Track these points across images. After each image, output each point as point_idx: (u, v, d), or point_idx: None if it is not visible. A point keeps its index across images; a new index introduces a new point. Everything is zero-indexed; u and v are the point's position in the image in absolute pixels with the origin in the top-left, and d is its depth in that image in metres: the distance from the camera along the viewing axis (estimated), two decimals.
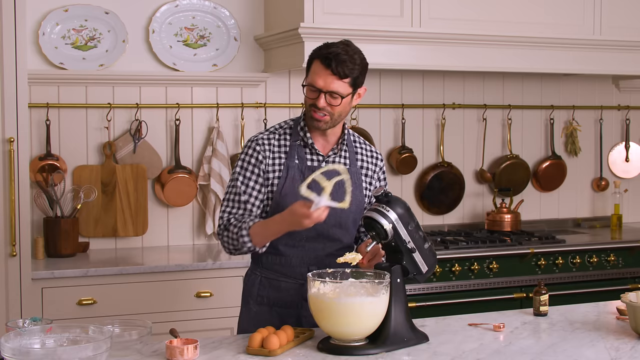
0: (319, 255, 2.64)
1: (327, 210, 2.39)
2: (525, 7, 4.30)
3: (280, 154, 2.64)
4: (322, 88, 2.52)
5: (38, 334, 2.14)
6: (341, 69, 2.51)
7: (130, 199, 4.05)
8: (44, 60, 3.95)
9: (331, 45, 2.55)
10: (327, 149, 2.67)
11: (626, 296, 2.52)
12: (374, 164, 2.75)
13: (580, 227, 4.97)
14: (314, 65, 2.55)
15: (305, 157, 2.65)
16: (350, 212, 2.62)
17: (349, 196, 2.41)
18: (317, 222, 2.42)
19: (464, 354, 2.31)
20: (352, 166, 2.68)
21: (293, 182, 2.60)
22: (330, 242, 2.64)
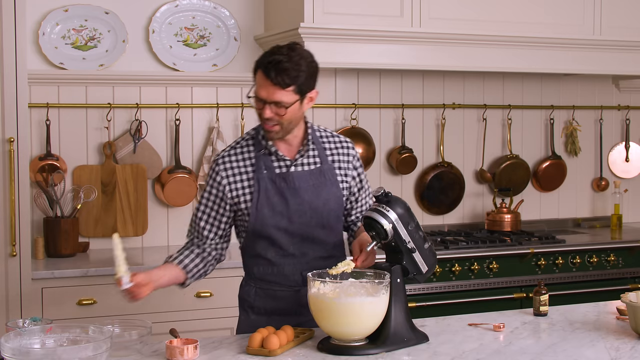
0: (310, 260, 2.62)
1: (138, 287, 2.41)
2: (525, 7, 4.30)
3: (247, 168, 2.60)
4: (266, 99, 2.46)
5: (38, 334, 2.14)
6: (281, 78, 2.44)
7: (130, 199, 4.05)
8: (44, 60, 3.95)
9: (274, 52, 2.48)
10: (293, 152, 2.62)
11: (626, 296, 2.52)
12: (345, 154, 2.69)
13: (580, 227, 4.97)
14: (258, 75, 2.49)
15: (272, 165, 2.60)
16: (331, 209, 2.61)
17: (121, 266, 2.36)
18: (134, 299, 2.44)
19: (464, 354, 2.31)
20: (324, 163, 2.64)
21: (267, 194, 2.57)
22: (316, 244, 2.63)
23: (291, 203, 2.58)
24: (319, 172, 2.62)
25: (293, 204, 2.58)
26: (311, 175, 2.60)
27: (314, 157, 2.63)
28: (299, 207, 2.58)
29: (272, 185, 2.58)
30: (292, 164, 2.60)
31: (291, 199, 2.57)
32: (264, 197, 2.57)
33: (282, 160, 2.60)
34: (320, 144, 2.67)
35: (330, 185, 2.62)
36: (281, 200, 2.58)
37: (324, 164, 2.64)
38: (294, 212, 2.58)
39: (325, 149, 2.66)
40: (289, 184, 2.58)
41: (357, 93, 4.51)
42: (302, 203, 2.58)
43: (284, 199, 2.57)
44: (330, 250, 2.66)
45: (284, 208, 2.58)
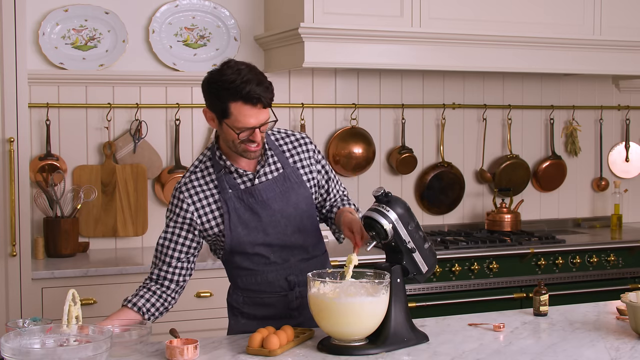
0: (292, 264, 2.61)
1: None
2: (525, 7, 4.30)
3: (211, 191, 2.55)
4: (256, 125, 2.42)
5: (38, 334, 2.13)
6: (268, 99, 2.41)
7: (130, 199, 4.05)
8: (44, 60, 3.95)
9: (238, 81, 2.37)
10: (253, 164, 2.57)
11: (626, 296, 2.52)
12: (305, 151, 2.65)
13: (580, 227, 4.98)
14: (237, 108, 2.38)
15: (236, 183, 2.55)
16: (304, 212, 2.60)
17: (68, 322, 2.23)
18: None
19: (464, 354, 2.31)
20: (286, 167, 2.59)
21: (237, 212, 2.54)
22: (296, 249, 2.61)
23: (263, 216, 2.55)
24: (283, 178, 2.58)
25: (265, 216, 2.55)
26: (276, 183, 2.57)
27: (275, 163, 2.59)
28: (272, 218, 2.56)
29: (241, 203, 2.54)
30: (255, 177, 2.56)
31: (262, 212, 2.55)
32: (235, 216, 2.54)
33: (244, 176, 2.56)
34: (277, 149, 2.62)
35: (297, 187, 2.59)
36: (253, 216, 2.55)
37: (286, 168, 2.60)
38: (268, 224, 2.56)
39: (284, 152, 2.62)
40: (256, 198, 2.54)
41: (357, 93, 4.51)
42: (274, 214, 2.56)
43: (256, 214, 2.55)
44: (311, 252, 2.65)
45: (257, 223, 2.55)
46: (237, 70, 2.40)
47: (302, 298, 2.61)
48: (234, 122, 2.41)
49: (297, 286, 2.61)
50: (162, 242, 2.58)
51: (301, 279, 2.61)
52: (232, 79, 2.38)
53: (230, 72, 2.40)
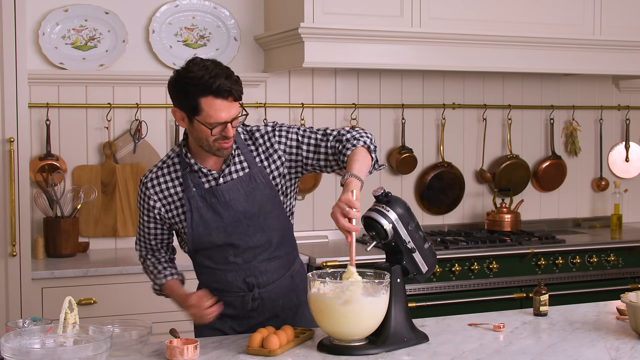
0: (252, 265, 2.59)
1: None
2: (525, 7, 4.30)
3: (176, 188, 2.57)
4: (227, 119, 2.42)
5: (38, 334, 2.13)
6: (239, 92, 2.43)
7: (130, 199, 4.05)
8: (44, 60, 3.95)
9: (206, 76, 2.38)
10: (220, 163, 2.56)
11: (626, 296, 2.52)
12: (269, 145, 2.58)
13: (580, 227, 4.98)
14: (208, 103, 2.39)
15: (200, 181, 2.55)
16: (268, 212, 2.56)
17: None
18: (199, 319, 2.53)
19: (464, 354, 2.31)
20: (252, 167, 2.56)
21: (199, 212, 2.54)
22: (258, 249, 2.59)
23: (225, 217, 2.54)
24: (248, 178, 2.55)
25: (227, 217, 2.54)
26: (241, 183, 2.55)
27: (241, 162, 2.56)
28: (234, 218, 2.54)
29: (203, 203, 2.54)
30: (220, 176, 2.54)
31: (224, 213, 2.54)
32: (197, 215, 2.54)
33: (209, 175, 2.54)
34: (245, 147, 2.58)
35: (263, 187, 2.56)
36: (215, 216, 2.54)
37: (253, 168, 2.56)
38: (229, 224, 2.55)
39: (251, 151, 2.58)
40: (219, 199, 2.53)
41: (357, 93, 4.51)
42: (236, 214, 2.54)
43: (218, 214, 2.54)
44: (274, 252, 2.62)
45: (219, 223, 2.54)
46: (204, 66, 2.41)
47: (260, 300, 2.61)
48: (205, 118, 2.41)
49: (256, 287, 2.60)
50: (139, 230, 2.72)
51: (261, 280, 2.60)
52: (200, 74, 2.39)
53: (197, 68, 2.41)
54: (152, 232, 2.68)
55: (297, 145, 2.57)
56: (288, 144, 2.58)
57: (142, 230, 2.71)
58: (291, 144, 2.58)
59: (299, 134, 2.58)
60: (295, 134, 2.58)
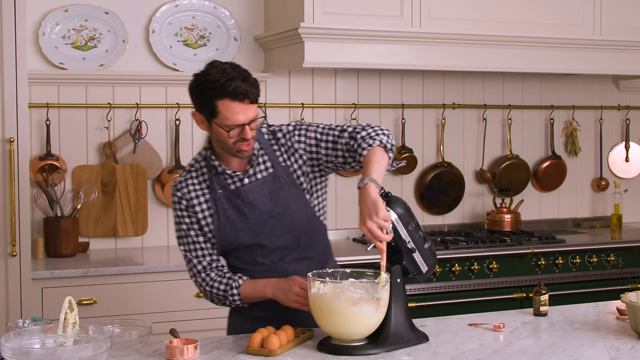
0: (280, 267, 2.59)
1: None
2: (525, 7, 4.30)
3: (204, 191, 2.58)
4: (245, 122, 2.43)
5: (38, 334, 2.13)
6: (256, 94, 2.44)
7: (130, 199, 4.05)
8: (44, 60, 3.95)
9: (223, 79, 2.39)
10: (243, 165, 2.57)
11: (626, 296, 2.52)
12: (290, 144, 2.57)
13: (580, 227, 4.97)
14: (225, 106, 2.40)
15: (226, 183, 2.57)
16: (294, 211, 2.56)
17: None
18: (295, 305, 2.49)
19: (464, 354, 2.31)
20: (276, 166, 2.56)
21: (225, 213, 2.55)
22: (286, 250, 2.59)
23: (250, 217, 2.55)
24: (272, 177, 2.56)
25: (252, 217, 2.55)
26: (265, 183, 2.55)
27: (265, 162, 2.57)
28: (259, 219, 2.55)
29: (229, 204, 2.55)
30: (245, 177, 2.55)
31: (249, 214, 2.55)
32: (223, 217, 2.55)
33: (234, 176, 2.56)
34: (269, 147, 2.59)
35: (288, 187, 2.56)
36: (240, 217, 2.55)
37: (277, 168, 2.56)
38: (255, 225, 2.55)
39: (274, 151, 2.59)
40: (243, 200, 2.54)
41: (357, 93, 4.51)
42: (262, 214, 2.55)
43: (243, 215, 2.55)
44: (302, 252, 2.61)
45: (245, 224, 2.55)
46: (222, 69, 2.42)
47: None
48: (223, 121, 2.43)
49: None
50: (185, 243, 2.60)
51: None
52: (217, 77, 2.40)
53: (215, 71, 2.42)
54: (200, 239, 2.59)
55: (316, 144, 2.57)
56: (307, 142, 2.58)
57: (188, 238, 2.61)
58: (310, 142, 2.58)
59: (317, 131, 2.58)
60: (314, 132, 2.58)
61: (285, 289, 2.50)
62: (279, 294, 2.52)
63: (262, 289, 2.55)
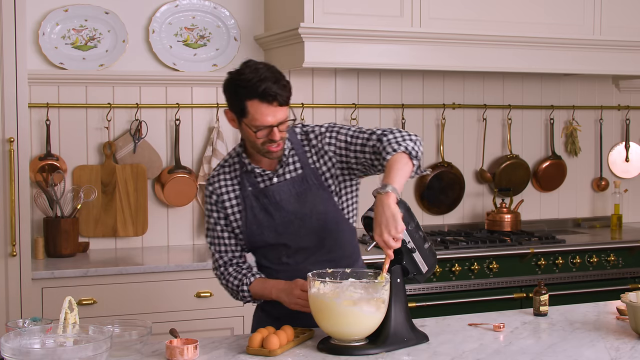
0: (302, 267, 2.58)
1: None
2: (525, 7, 4.30)
3: (234, 187, 2.61)
4: (273, 124, 2.44)
5: (38, 334, 2.13)
6: (285, 97, 2.43)
7: (130, 199, 4.05)
8: (44, 60, 3.95)
9: (255, 79, 2.40)
10: (274, 164, 2.58)
11: (626, 296, 2.52)
12: (320, 146, 2.57)
13: (580, 227, 4.97)
14: (254, 107, 2.41)
15: (255, 181, 2.59)
16: (321, 213, 2.56)
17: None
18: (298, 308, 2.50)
19: (464, 354, 2.31)
20: (306, 168, 2.57)
21: (253, 211, 2.57)
22: (310, 252, 2.60)
23: (276, 217, 2.56)
24: (301, 179, 2.57)
25: (278, 217, 2.56)
26: (293, 184, 2.56)
27: (294, 163, 2.58)
28: (285, 219, 2.56)
29: (257, 202, 2.58)
30: (274, 177, 2.57)
31: (275, 213, 2.56)
32: (250, 214, 2.58)
33: (264, 175, 2.58)
34: (300, 148, 2.60)
35: (316, 189, 2.57)
36: (267, 216, 2.57)
37: (305, 169, 2.58)
38: (280, 224, 2.57)
39: (305, 152, 2.60)
40: (270, 199, 2.56)
41: (357, 93, 4.51)
42: (287, 215, 2.56)
43: (269, 214, 2.57)
44: (327, 254, 2.61)
45: (270, 223, 2.57)
46: (255, 69, 2.43)
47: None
48: (251, 121, 2.44)
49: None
50: (211, 234, 2.66)
51: None
52: (249, 77, 2.41)
53: (249, 71, 2.43)
54: (224, 234, 2.64)
55: (345, 147, 2.57)
56: (337, 145, 2.58)
57: (214, 232, 2.66)
58: (340, 145, 2.57)
59: (348, 135, 2.57)
60: (345, 135, 2.58)
61: (287, 291, 2.52)
62: (282, 296, 2.53)
63: (269, 289, 2.58)
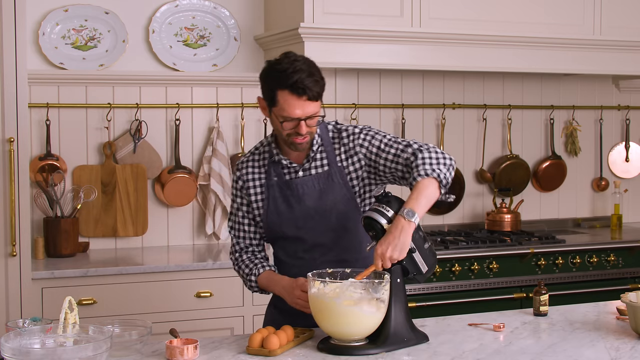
0: (318, 264, 2.58)
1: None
2: (525, 7, 4.30)
3: (261, 174, 2.63)
4: (301, 117, 2.45)
5: (38, 334, 2.13)
6: (315, 92, 2.43)
7: (130, 199, 4.05)
8: (44, 60, 3.95)
9: (289, 70, 2.42)
10: (302, 157, 2.60)
11: (626, 296, 2.52)
12: (351, 146, 2.57)
13: (580, 227, 4.97)
14: (284, 97, 2.43)
15: (282, 172, 2.61)
16: (340, 212, 2.57)
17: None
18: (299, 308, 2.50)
19: (464, 354, 2.31)
20: (332, 165, 2.58)
21: (275, 201, 2.60)
22: (326, 248, 2.60)
23: (296, 210, 2.58)
24: (326, 175, 2.58)
25: (298, 210, 2.58)
26: (318, 179, 2.58)
27: (322, 159, 2.60)
28: (305, 213, 2.58)
29: (280, 193, 2.60)
30: (300, 169, 2.59)
31: (296, 206, 2.58)
32: (272, 204, 2.60)
33: (290, 167, 2.60)
34: (330, 145, 2.61)
35: (339, 188, 2.58)
36: (288, 208, 2.59)
37: (332, 167, 2.59)
38: (300, 218, 2.58)
39: (334, 149, 2.60)
40: (293, 191, 2.58)
41: (357, 93, 4.51)
42: (308, 209, 2.57)
43: (290, 207, 2.59)
44: (341, 254, 2.61)
45: (290, 215, 2.59)
46: (293, 60, 2.46)
47: None
48: (279, 111, 2.47)
49: None
50: (233, 218, 2.70)
51: None
52: (285, 67, 2.44)
53: (286, 61, 2.47)
54: (245, 221, 2.68)
55: (377, 153, 2.56)
56: (369, 149, 2.57)
57: (235, 218, 2.70)
58: (372, 149, 2.57)
59: (382, 141, 2.56)
60: (379, 141, 2.57)
61: (289, 289, 2.53)
62: (284, 293, 2.55)
63: (273, 284, 2.60)
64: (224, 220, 4.16)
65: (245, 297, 3.72)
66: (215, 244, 4.21)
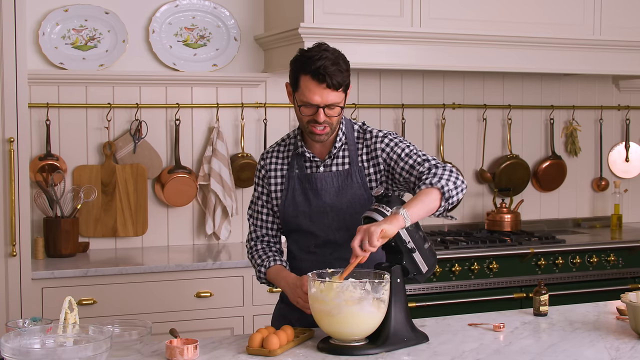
0: (327, 260, 2.59)
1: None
2: (525, 7, 4.30)
3: (284, 166, 2.67)
4: (320, 104, 2.47)
5: (38, 334, 2.13)
6: (336, 81, 2.46)
7: (130, 199, 4.05)
8: (44, 60, 3.95)
9: (315, 57, 2.46)
10: (325, 152, 2.63)
11: (626, 296, 2.52)
12: (373, 148, 2.60)
13: (580, 227, 4.97)
14: (305, 82, 2.47)
15: (304, 165, 2.64)
16: (355, 212, 2.58)
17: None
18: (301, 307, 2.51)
19: (464, 354, 2.31)
20: (353, 164, 2.61)
21: (293, 193, 2.62)
22: (338, 246, 2.60)
23: (313, 204, 2.60)
24: (346, 174, 2.60)
25: (314, 205, 2.60)
26: (338, 177, 2.60)
27: (344, 157, 2.62)
28: (320, 208, 2.59)
29: (299, 185, 2.62)
30: (322, 164, 2.61)
31: (313, 201, 2.60)
32: (290, 196, 2.63)
33: (313, 161, 2.62)
34: (354, 144, 2.63)
35: (357, 187, 2.59)
36: (305, 202, 2.61)
37: (353, 166, 2.61)
38: (315, 213, 2.60)
39: (357, 149, 2.63)
40: (312, 185, 2.61)
41: (357, 93, 4.51)
42: (324, 205, 2.59)
43: (307, 200, 2.61)
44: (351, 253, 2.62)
45: (305, 209, 2.61)
46: (323, 49, 2.51)
47: None
48: (300, 96, 2.50)
49: None
50: (253, 206, 2.74)
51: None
52: (312, 54, 2.48)
53: (315, 49, 2.51)
54: (263, 210, 2.71)
55: (396, 160, 2.58)
56: (390, 154, 2.59)
57: (254, 206, 2.74)
58: (392, 156, 2.59)
59: (405, 151, 2.58)
60: (401, 149, 2.58)
61: (292, 288, 2.54)
62: (287, 290, 2.57)
63: (281, 279, 2.61)
64: (224, 220, 4.16)
65: (245, 297, 3.72)
66: (215, 244, 4.21)
